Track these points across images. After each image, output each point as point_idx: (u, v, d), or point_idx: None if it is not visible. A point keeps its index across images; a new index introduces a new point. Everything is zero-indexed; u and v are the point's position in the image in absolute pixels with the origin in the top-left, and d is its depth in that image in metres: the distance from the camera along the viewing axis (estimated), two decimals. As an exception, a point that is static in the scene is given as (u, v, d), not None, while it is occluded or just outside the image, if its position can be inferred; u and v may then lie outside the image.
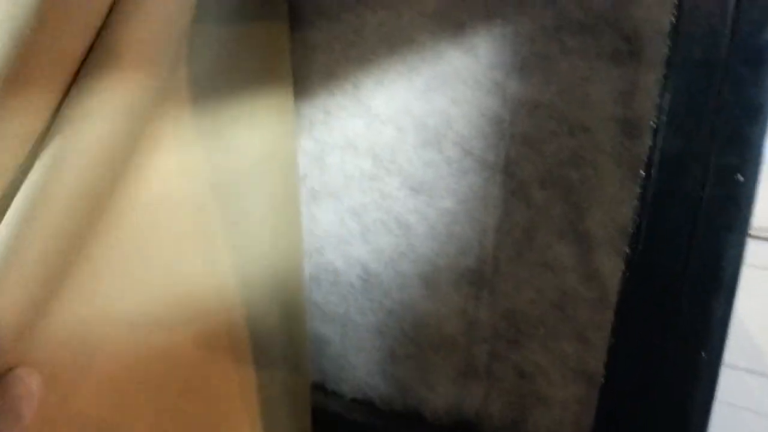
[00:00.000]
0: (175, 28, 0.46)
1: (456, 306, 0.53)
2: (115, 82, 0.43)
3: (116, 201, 0.46)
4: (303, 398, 0.58)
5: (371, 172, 0.56)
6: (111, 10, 0.43)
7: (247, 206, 0.55)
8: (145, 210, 0.48)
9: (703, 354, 0.28)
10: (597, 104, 0.44)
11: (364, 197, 0.57)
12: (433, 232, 0.53)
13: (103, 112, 0.41)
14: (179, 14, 0.47)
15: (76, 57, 0.43)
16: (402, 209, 0.55)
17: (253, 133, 0.55)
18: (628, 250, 0.29)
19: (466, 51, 0.49)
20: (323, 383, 0.63)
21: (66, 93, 0.43)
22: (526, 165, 0.48)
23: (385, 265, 0.57)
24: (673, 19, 0.28)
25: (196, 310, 0.50)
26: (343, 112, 0.56)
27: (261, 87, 0.55)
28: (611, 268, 0.45)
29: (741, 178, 0.27)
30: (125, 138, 0.44)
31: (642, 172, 0.29)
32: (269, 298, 0.56)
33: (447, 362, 0.55)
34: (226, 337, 0.52)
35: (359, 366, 0.60)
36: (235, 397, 0.53)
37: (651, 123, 0.29)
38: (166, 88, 0.48)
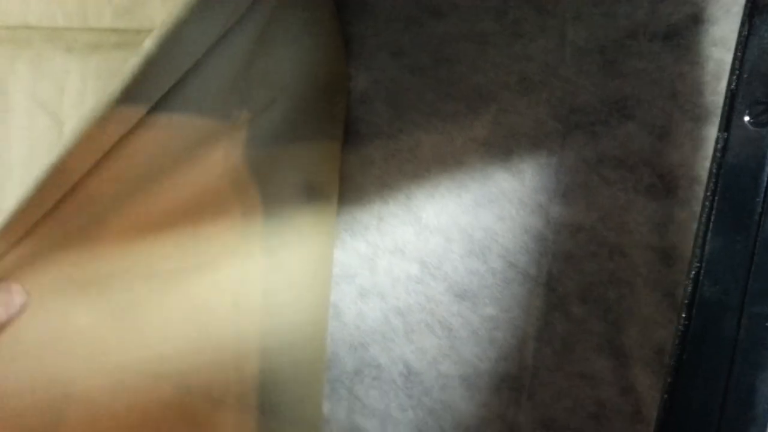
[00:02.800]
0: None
1: (496, 410, 0.56)
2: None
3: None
4: None
5: (417, 276, 0.60)
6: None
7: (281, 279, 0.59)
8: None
9: (738, 482, 0.31)
10: (634, 232, 0.48)
11: (410, 299, 0.61)
12: (476, 336, 0.57)
13: None
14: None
15: None
16: (446, 313, 0.59)
17: (295, 241, 0.60)
18: (669, 380, 0.33)
19: (512, 174, 0.54)
20: (361, 477, 0.65)
21: None
22: (567, 281, 0.52)
23: (427, 365, 0.60)
24: (713, 185, 0.32)
25: (206, 363, 0.54)
26: (395, 220, 0.61)
27: (308, 199, 0.60)
28: (646, 383, 0.48)
29: (771, 325, 0.31)
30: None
31: (683, 315, 0.33)
32: (287, 370, 0.60)
33: (485, 464, 0.57)
34: (234, 393, 0.56)
35: (397, 462, 0.63)
36: None
37: (692, 268, 0.33)
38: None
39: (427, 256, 0.60)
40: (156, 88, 0.43)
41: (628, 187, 0.48)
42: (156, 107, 0.44)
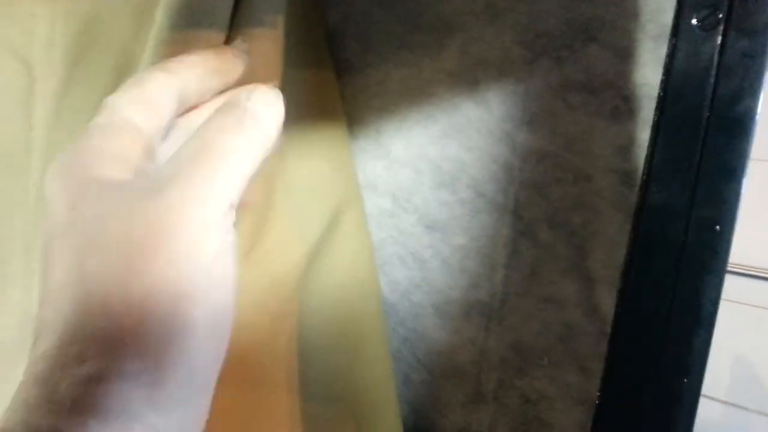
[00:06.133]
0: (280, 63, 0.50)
1: (467, 336, 0.57)
2: None
3: None
4: None
5: (389, 210, 0.61)
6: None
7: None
8: None
9: (685, 380, 0.33)
10: (598, 156, 0.49)
11: (382, 233, 0.62)
12: (446, 266, 0.58)
13: None
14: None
15: None
16: (417, 245, 0.59)
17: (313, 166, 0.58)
18: (620, 287, 0.34)
19: (479, 104, 0.54)
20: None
21: None
22: (534, 208, 0.52)
23: (400, 296, 0.61)
24: (662, 92, 0.33)
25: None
26: (365, 155, 0.61)
27: (318, 121, 0.58)
28: (610, 304, 0.49)
29: (718, 228, 0.32)
30: None
31: (632, 222, 0.33)
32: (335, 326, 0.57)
33: (457, 389, 0.59)
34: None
35: (374, 391, 0.64)
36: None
37: (642, 175, 0.33)
38: None
39: (398, 190, 0.60)
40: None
41: (591, 111, 0.48)
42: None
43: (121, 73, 0.58)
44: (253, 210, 0.47)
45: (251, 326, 0.49)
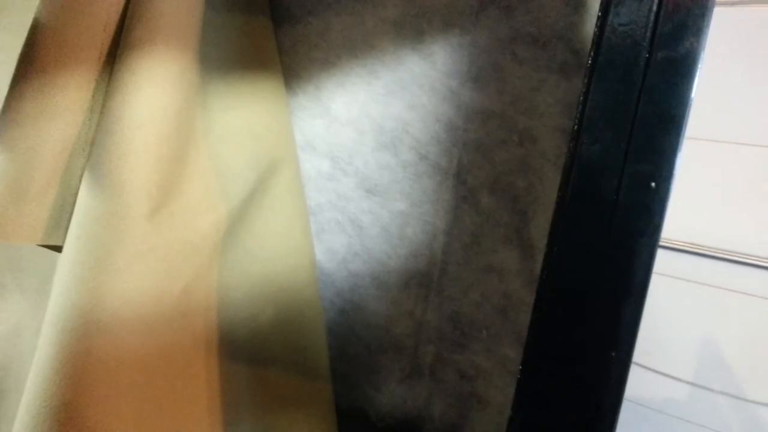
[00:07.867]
0: (198, 5, 0.46)
1: (405, 308, 0.54)
2: (160, 53, 0.43)
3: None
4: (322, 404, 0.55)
5: (328, 173, 0.57)
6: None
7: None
8: None
9: (614, 354, 0.29)
10: (545, 114, 0.45)
11: (320, 197, 0.58)
12: (386, 233, 0.54)
13: (153, 81, 0.42)
14: None
15: (110, 29, 0.43)
16: (356, 210, 0.56)
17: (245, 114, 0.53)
18: (546, 257, 0.30)
19: (424, 57, 0.50)
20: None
21: (107, 65, 0.43)
22: (477, 171, 0.49)
23: (337, 265, 0.57)
24: (597, 29, 0.29)
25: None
26: (304, 113, 0.57)
27: (251, 72, 0.53)
28: (550, 274, 0.46)
29: (654, 185, 0.28)
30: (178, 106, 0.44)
31: (561, 177, 0.30)
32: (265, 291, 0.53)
33: (393, 363, 0.55)
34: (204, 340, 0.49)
35: (309, 365, 0.60)
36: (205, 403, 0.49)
37: (573, 126, 0.30)
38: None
39: (338, 151, 0.56)
40: None
41: (540, 66, 0.45)
42: None
43: None
44: (163, 163, 0.42)
45: (157, 297, 0.45)
